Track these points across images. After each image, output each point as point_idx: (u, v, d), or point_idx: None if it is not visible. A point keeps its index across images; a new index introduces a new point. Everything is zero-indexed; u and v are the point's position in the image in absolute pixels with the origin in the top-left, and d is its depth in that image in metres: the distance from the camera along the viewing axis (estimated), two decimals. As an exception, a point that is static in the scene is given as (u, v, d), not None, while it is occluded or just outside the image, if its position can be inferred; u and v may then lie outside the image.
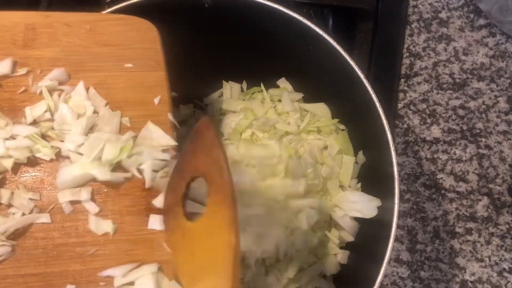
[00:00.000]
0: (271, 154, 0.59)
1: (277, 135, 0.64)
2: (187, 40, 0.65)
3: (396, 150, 0.62)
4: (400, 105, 0.80)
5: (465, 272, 0.72)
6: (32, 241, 0.44)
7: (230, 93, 0.72)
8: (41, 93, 0.47)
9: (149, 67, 0.50)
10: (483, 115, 0.78)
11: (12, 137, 0.45)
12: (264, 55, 0.65)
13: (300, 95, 0.69)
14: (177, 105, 0.72)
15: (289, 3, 0.74)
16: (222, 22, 0.63)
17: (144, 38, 0.51)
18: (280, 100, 0.69)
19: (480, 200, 0.74)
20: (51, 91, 0.47)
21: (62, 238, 0.44)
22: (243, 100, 0.71)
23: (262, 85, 0.70)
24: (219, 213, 0.39)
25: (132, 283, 0.43)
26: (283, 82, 0.70)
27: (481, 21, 0.84)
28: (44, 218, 0.44)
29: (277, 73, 0.70)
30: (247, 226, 0.59)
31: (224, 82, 0.73)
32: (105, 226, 0.45)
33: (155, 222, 0.45)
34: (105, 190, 0.46)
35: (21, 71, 0.48)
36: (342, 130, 0.67)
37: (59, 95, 0.48)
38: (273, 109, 0.68)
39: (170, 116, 0.49)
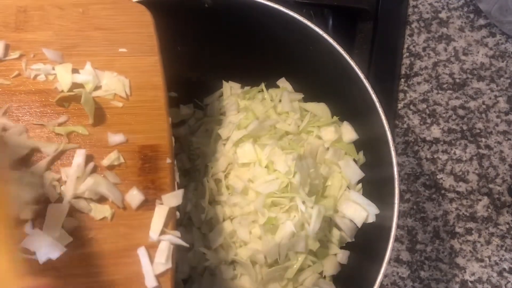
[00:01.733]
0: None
1: (277, 135, 0.64)
2: (187, 40, 0.65)
3: (396, 150, 0.62)
4: (400, 105, 0.80)
5: (465, 272, 0.72)
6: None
7: (230, 93, 0.72)
8: (35, 77, 0.47)
9: (142, 52, 0.50)
10: (483, 115, 0.78)
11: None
12: (264, 55, 0.65)
13: (300, 95, 0.69)
14: (177, 105, 0.72)
15: (289, 3, 0.74)
16: (222, 22, 0.63)
17: (137, 22, 0.51)
18: (280, 100, 0.69)
19: (480, 200, 0.74)
20: (46, 74, 0.47)
21: None
22: (243, 100, 0.70)
23: (262, 84, 0.70)
24: None
25: None
26: (283, 82, 0.70)
27: (481, 21, 0.84)
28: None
29: (277, 73, 0.70)
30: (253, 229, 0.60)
31: (224, 82, 0.73)
32: (103, 211, 0.44)
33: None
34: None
35: (14, 54, 0.48)
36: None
37: None
38: (273, 109, 0.68)
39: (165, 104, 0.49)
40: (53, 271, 0.42)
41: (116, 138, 0.47)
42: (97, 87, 0.48)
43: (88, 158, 0.45)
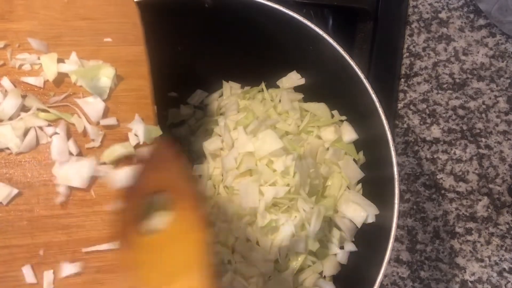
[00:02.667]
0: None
1: (277, 135, 0.64)
2: (187, 40, 0.65)
3: (396, 150, 0.62)
4: (400, 105, 0.80)
5: (465, 272, 0.72)
6: (16, 213, 0.44)
7: (230, 93, 0.72)
8: (20, 67, 0.47)
9: (128, 42, 0.50)
10: (483, 115, 0.78)
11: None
12: (264, 55, 0.65)
13: (300, 95, 0.69)
14: (177, 105, 0.72)
15: (289, 3, 0.74)
16: (222, 22, 0.62)
17: (122, 12, 0.51)
18: (280, 100, 0.69)
19: (480, 200, 0.74)
20: (31, 64, 0.47)
21: (47, 210, 0.44)
22: (243, 100, 0.70)
23: (263, 84, 0.70)
24: (186, 219, 0.42)
25: None
26: (282, 82, 0.70)
27: (481, 21, 0.84)
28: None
29: (277, 73, 0.70)
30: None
31: (224, 82, 0.72)
32: None
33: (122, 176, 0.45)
34: None
35: None
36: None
37: None
38: (273, 109, 0.68)
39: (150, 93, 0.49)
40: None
41: (107, 120, 0.46)
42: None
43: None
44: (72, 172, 0.45)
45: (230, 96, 0.72)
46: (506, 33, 0.82)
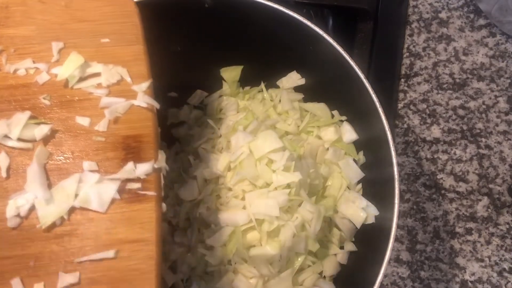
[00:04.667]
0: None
1: (277, 135, 0.64)
2: (187, 40, 0.65)
3: (396, 150, 0.62)
4: (400, 105, 0.80)
5: (465, 272, 0.72)
6: (5, 222, 0.42)
7: (230, 93, 0.72)
8: (15, 71, 0.46)
9: (126, 41, 0.49)
10: (483, 115, 0.78)
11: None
12: (264, 55, 0.65)
13: (300, 95, 0.69)
14: (177, 105, 0.72)
15: (289, 3, 0.74)
16: (222, 22, 0.62)
17: (121, 12, 0.50)
18: (280, 100, 0.69)
19: (480, 200, 0.74)
20: (26, 69, 0.46)
21: (37, 218, 0.42)
22: (243, 100, 0.70)
23: (262, 84, 0.70)
24: None
25: None
26: (282, 82, 0.70)
27: (481, 21, 0.84)
28: None
29: (276, 73, 0.70)
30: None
31: (224, 82, 0.73)
32: None
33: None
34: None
35: None
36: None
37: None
38: (273, 109, 0.68)
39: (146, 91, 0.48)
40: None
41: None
42: (80, 79, 0.47)
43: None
44: (93, 194, 0.43)
45: (230, 96, 0.72)
46: (506, 33, 0.82)
